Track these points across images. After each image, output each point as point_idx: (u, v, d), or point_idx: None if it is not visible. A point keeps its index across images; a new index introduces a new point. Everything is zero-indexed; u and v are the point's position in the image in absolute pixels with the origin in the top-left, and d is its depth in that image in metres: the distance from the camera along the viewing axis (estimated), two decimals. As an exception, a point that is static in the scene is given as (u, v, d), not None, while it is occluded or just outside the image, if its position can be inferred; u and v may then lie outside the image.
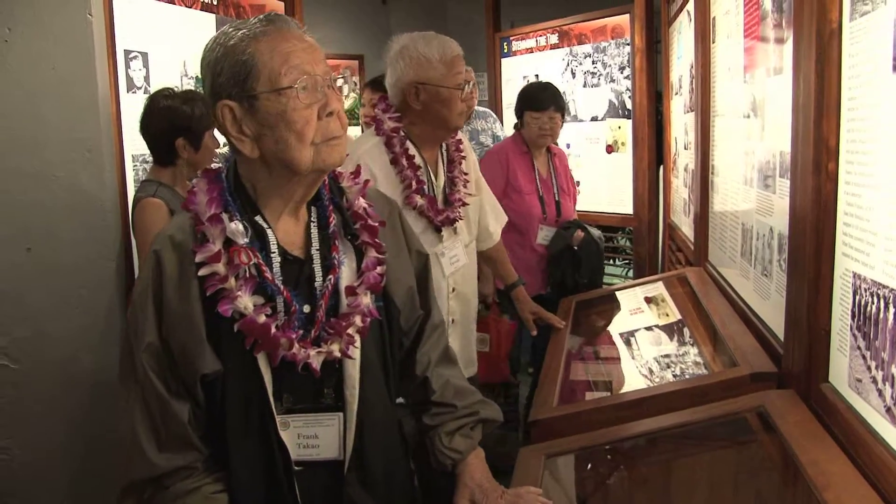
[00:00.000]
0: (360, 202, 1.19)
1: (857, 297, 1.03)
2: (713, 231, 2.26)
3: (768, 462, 1.21)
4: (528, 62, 4.57)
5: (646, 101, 3.76)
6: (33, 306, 2.14)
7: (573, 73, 4.24)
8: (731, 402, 1.34)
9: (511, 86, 4.73)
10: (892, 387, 0.93)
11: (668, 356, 1.76)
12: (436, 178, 1.90)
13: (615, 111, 3.99)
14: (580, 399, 1.68)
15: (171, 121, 2.05)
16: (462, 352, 1.95)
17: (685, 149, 2.92)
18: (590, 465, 1.40)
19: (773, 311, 1.51)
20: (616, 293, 2.49)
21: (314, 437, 1.11)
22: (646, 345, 1.91)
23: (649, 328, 2.02)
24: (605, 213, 4.08)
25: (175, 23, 2.50)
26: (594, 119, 4.11)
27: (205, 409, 1.08)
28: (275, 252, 1.09)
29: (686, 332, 1.88)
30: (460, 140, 2.01)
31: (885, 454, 0.94)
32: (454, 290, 1.91)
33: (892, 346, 0.93)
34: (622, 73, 3.92)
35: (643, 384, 1.65)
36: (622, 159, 3.96)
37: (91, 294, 2.18)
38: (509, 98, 4.73)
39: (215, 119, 1.06)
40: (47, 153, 2.11)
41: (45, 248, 2.13)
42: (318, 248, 1.13)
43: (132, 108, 2.24)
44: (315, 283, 1.11)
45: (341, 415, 1.12)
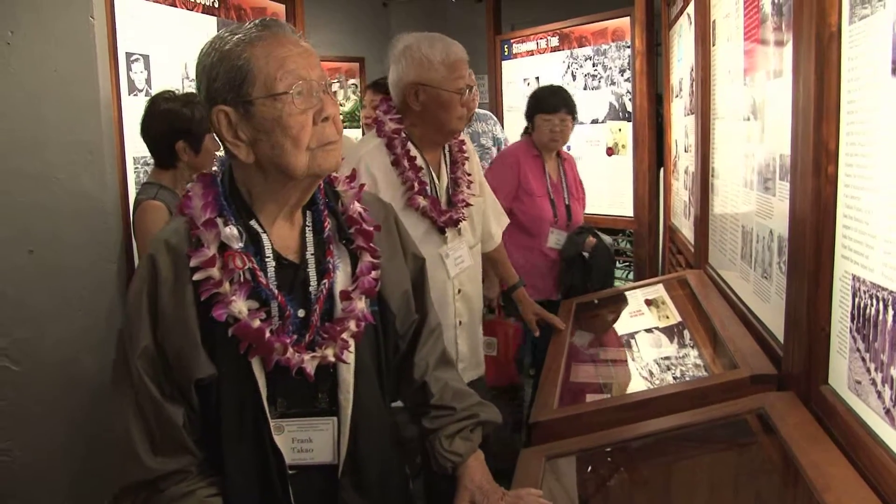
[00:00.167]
0: (355, 206, 1.19)
1: (857, 300, 1.03)
2: (713, 233, 2.26)
3: (768, 464, 1.21)
4: (528, 65, 4.57)
5: (646, 103, 3.76)
6: (34, 308, 2.14)
7: (573, 76, 4.24)
8: (732, 404, 1.34)
9: (511, 88, 4.74)
10: (892, 389, 0.93)
11: (668, 358, 1.76)
12: (438, 179, 1.89)
13: (615, 114, 3.99)
14: (581, 401, 1.68)
15: (171, 123, 2.05)
16: (471, 354, 1.95)
17: (685, 151, 2.93)
18: (590, 467, 1.40)
19: (772, 314, 1.51)
20: (616, 295, 2.49)
21: (308, 441, 1.11)
22: (646, 347, 1.91)
23: (650, 330, 2.02)
24: (606, 216, 4.07)
25: (176, 25, 2.51)
26: (594, 122, 4.12)
27: (199, 414, 1.08)
28: (269, 256, 1.09)
29: (686, 334, 1.88)
30: (463, 141, 2.00)
31: (884, 456, 0.94)
32: (460, 291, 1.90)
33: (891, 348, 0.93)
34: (622, 75, 3.92)
35: (643, 386, 1.65)
36: (622, 162, 3.96)
37: (92, 296, 2.18)
38: (509, 100, 4.74)
39: (211, 124, 1.06)
40: (49, 155, 2.12)
41: (46, 249, 2.14)
42: (312, 253, 1.13)
43: (133, 110, 2.24)
44: (310, 288, 1.11)
45: (335, 419, 1.12)
